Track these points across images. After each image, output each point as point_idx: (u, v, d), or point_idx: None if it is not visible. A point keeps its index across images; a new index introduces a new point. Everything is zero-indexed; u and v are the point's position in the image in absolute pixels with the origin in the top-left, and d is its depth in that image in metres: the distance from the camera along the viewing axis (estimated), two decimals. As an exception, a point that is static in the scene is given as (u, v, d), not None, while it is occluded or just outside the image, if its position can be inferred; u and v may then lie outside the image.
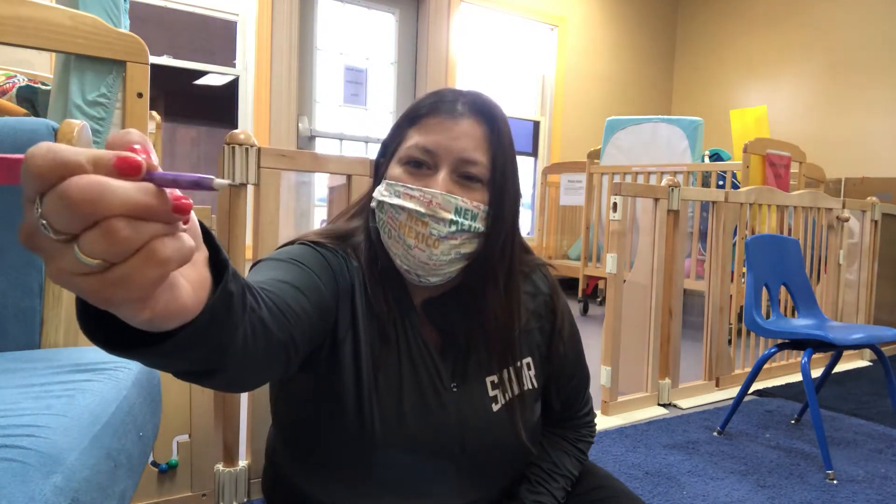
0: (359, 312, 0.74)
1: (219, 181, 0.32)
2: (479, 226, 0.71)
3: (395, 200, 0.71)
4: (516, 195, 0.75)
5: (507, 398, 0.79)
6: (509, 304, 0.77)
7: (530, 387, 0.82)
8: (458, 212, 0.69)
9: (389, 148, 0.77)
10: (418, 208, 0.69)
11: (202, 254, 0.37)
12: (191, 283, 0.35)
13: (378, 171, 0.78)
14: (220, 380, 0.46)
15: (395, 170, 0.73)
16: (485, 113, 0.75)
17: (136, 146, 0.31)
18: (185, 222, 0.32)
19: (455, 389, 0.77)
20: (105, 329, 0.37)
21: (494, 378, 0.79)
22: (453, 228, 0.69)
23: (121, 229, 0.28)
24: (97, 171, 0.29)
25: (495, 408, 0.78)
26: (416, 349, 0.76)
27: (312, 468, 0.76)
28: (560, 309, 0.87)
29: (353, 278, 0.74)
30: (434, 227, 0.69)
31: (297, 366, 0.64)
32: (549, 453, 0.88)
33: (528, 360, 0.83)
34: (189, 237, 0.32)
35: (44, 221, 0.29)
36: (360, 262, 0.76)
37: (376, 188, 0.75)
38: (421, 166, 0.72)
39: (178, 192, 0.31)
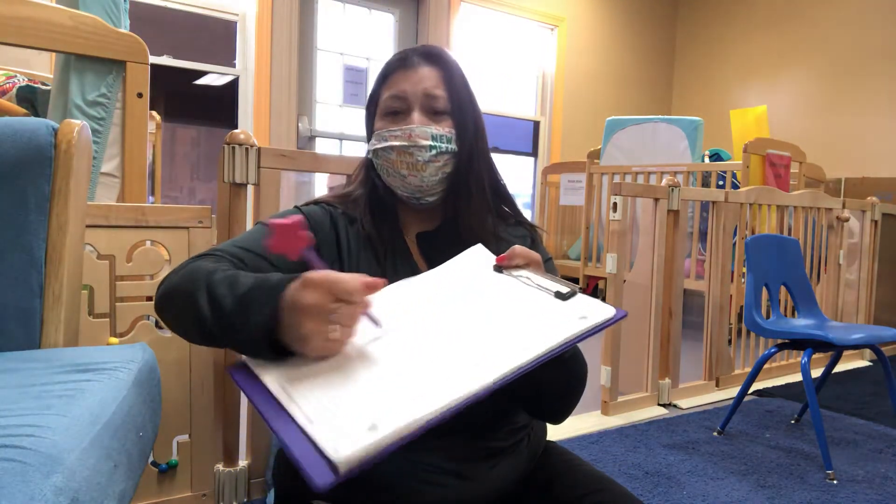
0: (344, 253, 0.86)
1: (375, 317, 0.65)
2: (453, 147, 0.87)
3: (384, 144, 0.86)
4: (477, 121, 0.90)
5: None
6: (481, 214, 0.89)
7: None
8: (433, 138, 0.85)
9: (371, 109, 0.92)
10: (402, 143, 0.84)
11: None
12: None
13: (369, 131, 0.93)
14: None
15: (378, 123, 0.89)
16: (436, 59, 0.89)
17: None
18: None
19: None
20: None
21: None
22: (434, 152, 0.85)
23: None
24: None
25: None
26: (405, 275, 0.86)
27: None
28: (536, 230, 0.98)
29: (337, 227, 0.88)
30: (418, 154, 0.84)
31: None
32: None
33: None
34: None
35: (334, 316, 0.60)
36: (359, 210, 0.90)
37: (369, 143, 0.90)
38: (398, 113, 0.87)
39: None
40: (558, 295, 0.64)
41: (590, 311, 0.61)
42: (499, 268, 0.72)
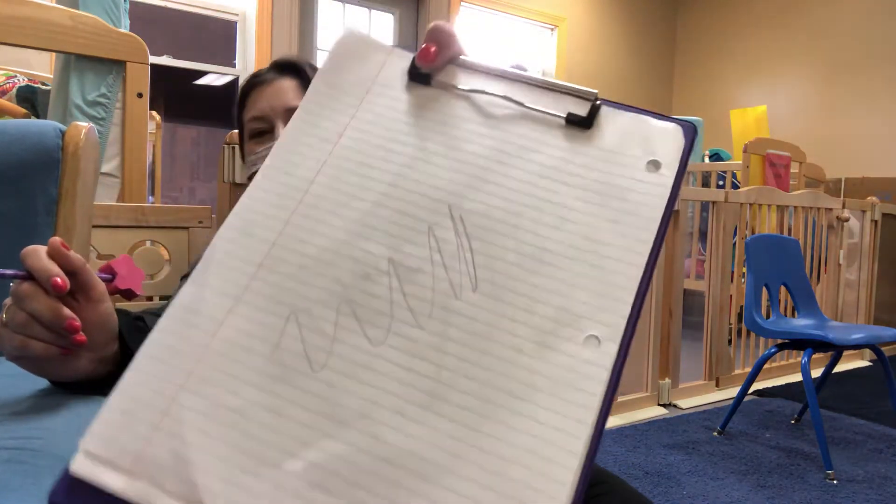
0: None
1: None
2: None
3: (254, 168, 0.80)
4: None
5: None
6: None
7: None
8: None
9: (240, 135, 0.88)
10: None
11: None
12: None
13: (244, 159, 0.88)
14: None
15: (247, 147, 0.84)
16: (290, 68, 0.84)
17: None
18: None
19: None
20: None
21: None
22: None
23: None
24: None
25: None
26: None
27: None
28: None
29: None
30: None
31: None
32: None
33: None
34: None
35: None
36: None
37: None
38: (263, 133, 0.82)
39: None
40: (574, 120, 0.33)
41: (652, 141, 0.32)
42: (421, 76, 0.36)
